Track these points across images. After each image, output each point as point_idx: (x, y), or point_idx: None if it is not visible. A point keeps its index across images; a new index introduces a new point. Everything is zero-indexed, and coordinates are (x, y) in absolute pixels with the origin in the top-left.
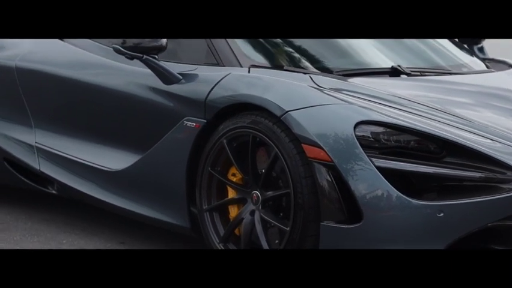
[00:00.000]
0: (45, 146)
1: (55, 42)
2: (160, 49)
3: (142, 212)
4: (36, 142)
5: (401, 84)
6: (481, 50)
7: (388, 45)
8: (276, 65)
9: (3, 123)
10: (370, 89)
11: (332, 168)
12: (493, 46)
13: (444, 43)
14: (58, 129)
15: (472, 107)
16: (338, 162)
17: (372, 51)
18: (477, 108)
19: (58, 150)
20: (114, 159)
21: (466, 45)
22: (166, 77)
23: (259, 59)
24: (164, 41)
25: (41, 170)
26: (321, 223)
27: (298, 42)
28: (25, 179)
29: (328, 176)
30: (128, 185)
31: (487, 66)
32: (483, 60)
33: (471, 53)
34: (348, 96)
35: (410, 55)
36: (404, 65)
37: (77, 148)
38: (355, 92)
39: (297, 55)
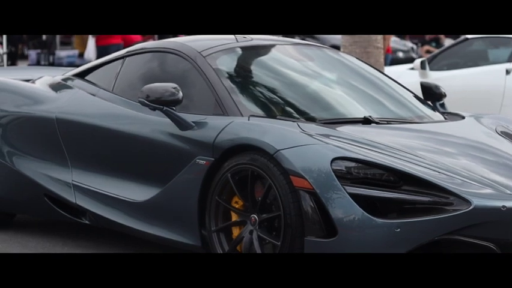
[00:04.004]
0: (81, 183)
1: (88, 98)
2: (177, 102)
3: (161, 234)
4: (73, 180)
5: (370, 131)
6: (442, 105)
7: (362, 99)
8: (270, 115)
9: (45, 165)
10: (345, 133)
11: (313, 194)
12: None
13: (410, 98)
14: (91, 168)
15: (426, 148)
16: (318, 190)
17: (348, 104)
18: (430, 148)
19: (91, 186)
20: (138, 192)
21: (429, 102)
22: (182, 124)
23: (257, 109)
24: (180, 95)
25: (77, 203)
26: (305, 238)
27: (288, 96)
28: (62, 212)
29: (311, 202)
30: (150, 213)
31: (445, 118)
32: (442, 113)
33: (432, 107)
34: (326, 138)
35: (379, 108)
36: (375, 115)
37: (107, 184)
38: (332, 135)
39: (287, 107)
